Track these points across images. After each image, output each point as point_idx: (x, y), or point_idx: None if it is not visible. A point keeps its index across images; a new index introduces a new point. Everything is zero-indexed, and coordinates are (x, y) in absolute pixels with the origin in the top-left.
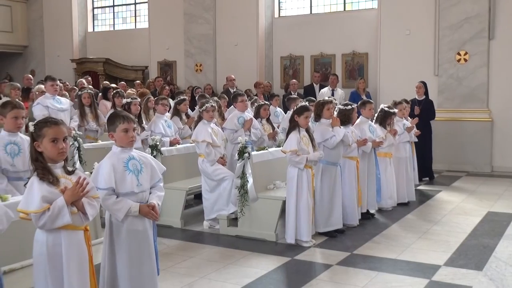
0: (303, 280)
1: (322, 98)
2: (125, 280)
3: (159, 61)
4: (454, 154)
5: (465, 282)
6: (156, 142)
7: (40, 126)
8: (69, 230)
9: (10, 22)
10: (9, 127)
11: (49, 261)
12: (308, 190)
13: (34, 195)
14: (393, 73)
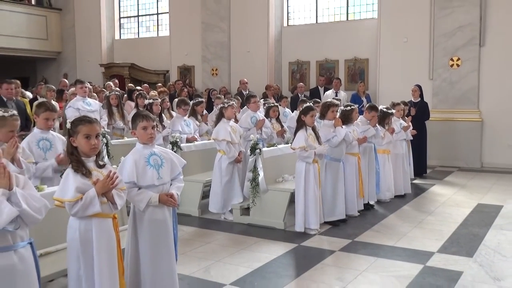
0: (309, 264)
1: (329, 100)
2: (146, 263)
3: (178, 66)
4: (447, 151)
5: (456, 267)
6: (176, 139)
7: (76, 124)
8: (99, 218)
9: (46, 31)
10: (41, 126)
11: (81, 245)
12: (315, 183)
13: (69, 185)
14: (391, 77)
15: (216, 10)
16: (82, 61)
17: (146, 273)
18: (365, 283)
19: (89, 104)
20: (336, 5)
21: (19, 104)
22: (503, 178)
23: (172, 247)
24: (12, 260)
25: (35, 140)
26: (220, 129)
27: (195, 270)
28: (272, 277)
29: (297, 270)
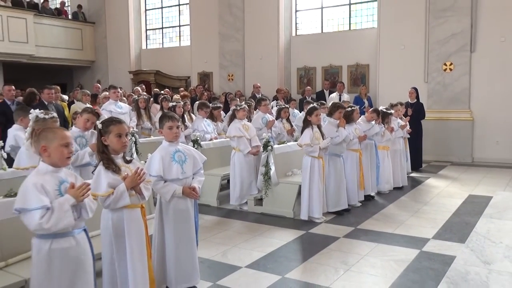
0: (316, 249)
1: (339, 102)
2: (170, 247)
3: (198, 72)
4: (441, 147)
5: (450, 252)
6: (197, 138)
7: (107, 124)
8: (129, 208)
9: (81, 42)
10: (80, 126)
11: (114, 233)
12: (319, 177)
13: (102, 181)
14: (390, 80)
15: (232, 22)
16: (113, 68)
17: (170, 256)
18: (367, 266)
19: (120, 107)
20: (340, 16)
21: (58, 107)
22: (492, 172)
23: (193, 233)
24: (70, 243)
25: (74, 137)
26: (232, 128)
27: (214, 254)
28: (283, 260)
29: (305, 254)
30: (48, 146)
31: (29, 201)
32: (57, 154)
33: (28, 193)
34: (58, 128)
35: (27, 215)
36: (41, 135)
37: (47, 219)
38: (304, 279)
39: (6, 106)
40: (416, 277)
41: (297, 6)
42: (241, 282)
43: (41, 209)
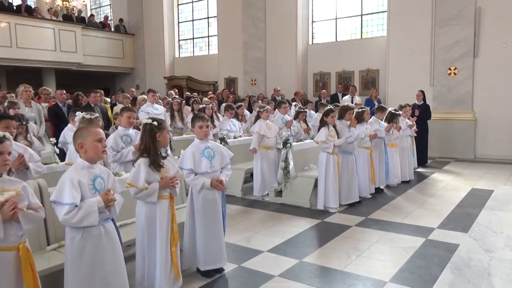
0: (330, 236)
1: (346, 104)
2: (200, 234)
3: (225, 77)
4: (445, 145)
5: (454, 241)
6: (224, 136)
7: (162, 122)
8: (161, 199)
9: (122, 51)
10: (124, 124)
11: (146, 221)
12: (334, 171)
13: (140, 175)
14: (398, 84)
15: (254, 33)
16: (150, 74)
17: (200, 241)
18: (377, 252)
19: (156, 109)
20: (352, 26)
21: (102, 109)
22: (494, 167)
23: (221, 221)
24: (100, 231)
25: (119, 136)
26: (256, 125)
27: (239, 239)
28: (301, 246)
29: (321, 241)
30: (84, 143)
31: (63, 195)
32: (92, 149)
33: (64, 187)
34: (91, 126)
35: (58, 207)
36: (77, 133)
37: (73, 216)
38: (319, 263)
39: (58, 108)
40: (422, 263)
41: (314, 17)
42: (263, 264)
43: (70, 205)
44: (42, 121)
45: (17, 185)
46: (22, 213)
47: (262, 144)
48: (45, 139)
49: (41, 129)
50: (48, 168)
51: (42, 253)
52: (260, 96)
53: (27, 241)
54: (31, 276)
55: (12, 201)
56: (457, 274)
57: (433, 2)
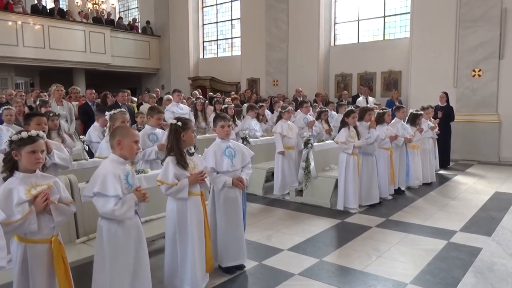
0: (350, 236)
1: (366, 106)
2: (221, 231)
3: (247, 78)
4: (469, 147)
5: (476, 244)
6: (246, 136)
7: (187, 122)
8: (191, 195)
9: (148, 52)
10: (153, 124)
11: (178, 215)
12: (354, 171)
13: (169, 171)
14: (420, 86)
15: (277, 34)
16: (175, 75)
17: (221, 238)
18: (397, 253)
19: (181, 108)
20: (375, 28)
21: (129, 108)
22: None
23: (241, 218)
24: (132, 223)
25: (147, 134)
26: (278, 126)
27: (260, 237)
28: (321, 245)
29: (341, 241)
30: (122, 141)
31: (108, 188)
32: (129, 149)
33: (107, 180)
34: (131, 127)
35: (103, 199)
36: (117, 130)
37: (119, 208)
38: (339, 262)
39: (88, 106)
40: (444, 266)
41: (336, 19)
42: (283, 262)
43: (116, 197)
44: (73, 119)
45: (49, 180)
46: (54, 205)
47: (283, 144)
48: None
49: (71, 127)
50: (78, 165)
51: (72, 246)
52: (279, 96)
53: (59, 234)
54: (62, 268)
55: (44, 193)
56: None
57: (458, 3)
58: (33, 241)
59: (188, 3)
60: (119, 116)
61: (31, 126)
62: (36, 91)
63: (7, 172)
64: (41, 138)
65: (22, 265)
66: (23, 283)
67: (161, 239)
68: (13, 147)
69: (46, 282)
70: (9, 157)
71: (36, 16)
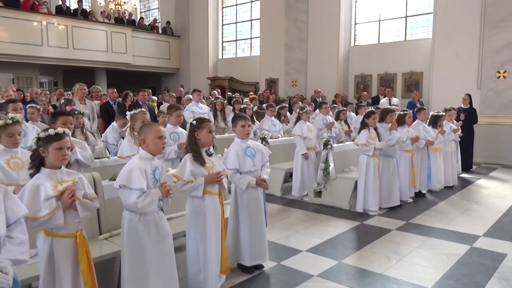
0: (370, 239)
1: (387, 107)
2: (245, 230)
3: (266, 79)
4: (492, 150)
5: (500, 250)
6: (265, 136)
7: (201, 121)
8: (210, 195)
9: (168, 52)
10: (174, 122)
11: (196, 215)
12: (374, 173)
13: (186, 168)
14: (443, 87)
15: (296, 34)
16: (194, 75)
17: (244, 237)
18: (418, 257)
19: (201, 108)
20: (396, 28)
21: (149, 107)
22: None
23: (263, 218)
24: (154, 217)
25: (168, 133)
26: (297, 127)
27: (279, 238)
28: (340, 247)
29: (360, 243)
30: (146, 139)
31: (133, 181)
32: (153, 145)
33: (133, 173)
34: (154, 124)
35: (127, 192)
36: (141, 129)
37: (142, 201)
38: (359, 265)
39: (109, 105)
40: (466, 271)
41: (356, 20)
42: (302, 263)
43: (139, 191)
44: (95, 118)
45: (74, 176)
46: (79, 201)
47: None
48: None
49: (93, 125)
50: (100, 162)
51: (94, 242)
52: (297, 97)
53: (83, 229)
54: (86, 262)
55: (70, 189)
56: (504, 285)
57: (483, 3)
58: (59, 235)
59: (208, 4)
60: (139, 116)
61: (57, 125)
62: (59, 90)
63: (34, 169)
64: (67, 135)
65: (48, 259)
66: (50, 276)
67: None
68: (41, 144)
69: (71, 276)
70: (36, 154)
71: (60, 16)
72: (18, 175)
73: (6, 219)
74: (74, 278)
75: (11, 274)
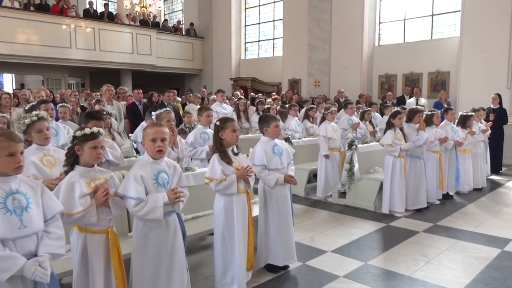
0: (396, 240)
1: (415, 107)
2: (275, 229)
3: (289, 79)
4: None
5: None
6: (288, 136)
7: (224, 121)
8: (237, 193)
9: (192, 53)
10: (204, 123)
11: (225, 213)
12: (400, 174)
13: (216, 168)
14: (471, 86)
15: (319, 34)
16: (217, 75)
17: (274, 236)
18: (447, 260)
19: (224, 108)
20: (422, 27)
21: (174, 108)
22: None
23: (291, 215)
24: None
25: (199, 133)
26: (322, 127)
27: (303, 238)
28: (365, 248)
29: (386, 245)
30: (144, 142)
31: (129, 190)
32: (148, 148)
33: (129, 182)
34: (153, 125)
35: (126, 200)
36: (143, 132)
37: (140, 209)
38: (385, 266)
39: (135, 106)
40: (498, 275)
41: (381, 19)
42: (327, 264)
43: (136, 199)
44: (122, 118)
45: (106, 174)
46: (112, 199)
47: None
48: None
49: (120, 125)
50: (128, 161)
51: (123, 239)
52: (320, 97)
53: (114, 226)
54: (117, 257)
55: (104, 187)
56: None
57: None
58: (92, 231)
59: (231, 5)
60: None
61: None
62: (85, 92)
63: (68, 166)
64: (101, 134)
65: (82, 254)
66: (83, 270)
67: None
68: (76, 142)
69: (103, 270)
70: (71, 152)
71: (88, 19)
72: (51, 172)
73: (43, 214)
74: (106, 272)
75: (49, 269)
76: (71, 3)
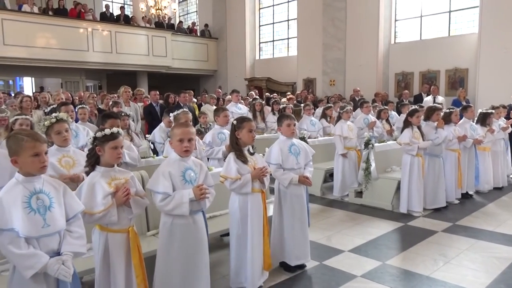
0: (414, 240)
1: (434, 105)
2: (289, 228)
3: (303, 78)
4: None
5: None
6: (304, 135)
7: (241, 121)
8: (253, 193)
9: (206, 54)
10: (221, 123)
11: (240, 213)
12: (418, 173)
13: (232, 167)
14: (490, 84)
15: (334, 33)
16: (231, 76)
17: (289, 235)
18: (467, 260)
19: (239, 108)
20: (439, 24)
21: (190, 108)
22: None
23: (306, 215)
24: (188, 221)
25: (216, 133)
26: (337, 126)
27: (320, 238)
28: (383, 248)
29: (404, 244)
30: (172, 142)
31: (157, 185)
32: (175, 147)
33: (158, 178)
34: (180, 125)
35: (154, 195)
36: (170, 132)
37: (166, 203)
38: (403, 266)
39: (152, 107)
40: None
41: (397, 16)
42: (344, 264)
43: (163, 194)
44: (139, 119)
45: (126, 174)
46: (132, 198)
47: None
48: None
49: (137, 126)
50: (146, 162)
51: (143, 238)
52: (336, 96)
53: (134, 225)
54: (137, 256)
55: (125, 187)
56: None
57: None
58: (113, 231)
59: (245, 5)
60: (182, 116)
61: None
62: (102, 94)
63: (89, 167)
64: (120, 135)
65: (104, 253)
66: (105, 269)
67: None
68: (97, 143)
69: (125, 269)
70: (92, 152)
71: (104, 22)
72: (68, 173)
73: (65, 214)
74: (127, 271)
75: (72, 268)
76: (88, 7)
